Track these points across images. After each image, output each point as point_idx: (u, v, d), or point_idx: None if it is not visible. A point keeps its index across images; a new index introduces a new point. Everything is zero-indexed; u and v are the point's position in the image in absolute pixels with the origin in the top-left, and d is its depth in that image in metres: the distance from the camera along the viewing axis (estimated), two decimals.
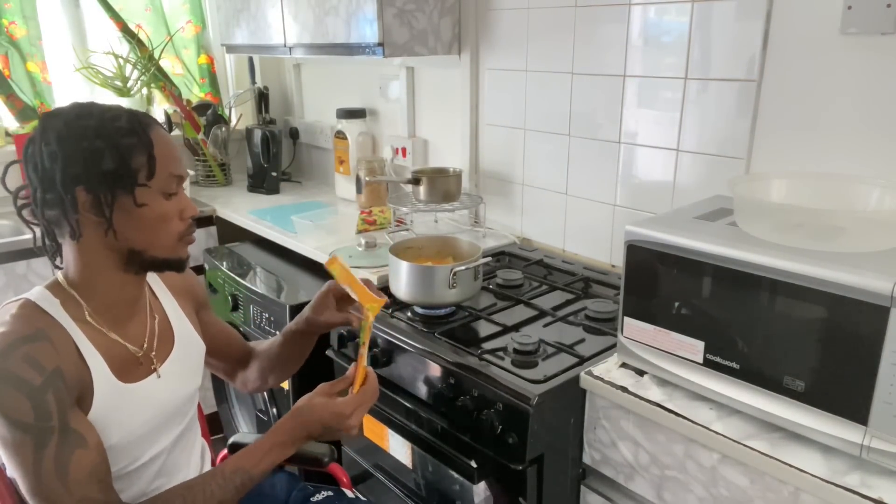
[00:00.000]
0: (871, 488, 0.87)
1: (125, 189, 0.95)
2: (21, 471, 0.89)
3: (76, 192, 0.94)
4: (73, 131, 0.93)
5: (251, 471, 1.01)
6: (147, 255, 1.01)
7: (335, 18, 1.91)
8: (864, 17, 1.16)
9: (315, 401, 1.05)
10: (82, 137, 0.93)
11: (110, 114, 0.96)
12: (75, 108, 0.96)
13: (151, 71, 2.58)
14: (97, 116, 0.95)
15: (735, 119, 1.38)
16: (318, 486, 1.33)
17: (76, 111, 0.96)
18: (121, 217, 0.96)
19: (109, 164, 0.94)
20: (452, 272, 1.38)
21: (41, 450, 0.89)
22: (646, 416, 1.09)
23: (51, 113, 0.96)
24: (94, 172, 0.93)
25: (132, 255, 1.00)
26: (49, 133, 0.93)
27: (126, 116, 0.97)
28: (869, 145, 1.21)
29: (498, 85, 1.91)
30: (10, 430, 0.88)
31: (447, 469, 1.33)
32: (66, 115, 0.95)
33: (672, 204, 1.53)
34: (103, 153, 0.94)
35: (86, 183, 0.94)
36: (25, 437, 0.88)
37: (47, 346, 0.92)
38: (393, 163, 2.26)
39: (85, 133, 0.93)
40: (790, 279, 0.92)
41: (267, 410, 1.95)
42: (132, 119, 0.97)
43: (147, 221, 0.99)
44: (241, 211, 2.31)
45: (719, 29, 1.37)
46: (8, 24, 2.34)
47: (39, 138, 0.94)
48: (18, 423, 0.88)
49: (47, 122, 0.95)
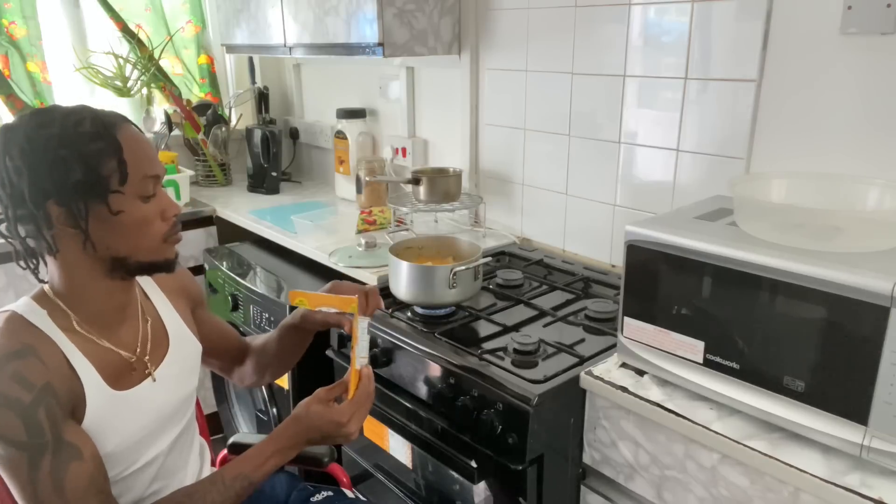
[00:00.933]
0: (871, 488, 0.87)
1: (98, 198, 0.91)
2: (18, 488, 0.88)
3: (47, 207, 0.90)
4: (36, 143, 0.88)
5: (251, 476, 1.00)
6: (132, 261, 0.97)
7: (335, 18, 1.91)
8: (864, 17, 1.16)
9: (312, 409, 1.04)
10: (45, 149, 0.88)
11: (72, 118, 0.91)
12: (35, 117, 0.91)
13: (151, 71, 2.58)
14: (59, 123, 0.90)
15: (735, 119, 1.38)
16: (318, 486, 1.34)
17: (36, 120, 0.91)
18: (98, 226, 0.92)
19: (78, 175, 0.89)
20: (452, 272, 1.38)
21: (36, 466, 0.88)
22: (646, 416, 1.09)
23: (10, 125, 0.91)
24: (63, 185, 0.89)
25: (116, 262, 0.97)
26: (11, 147, 0.89)
27: (90, 119, 0.91)
28: (869, 145, 1.21)
29: (498, 85, 1.91)
30: (4, 448, 0.87)
31: (447, 469, 1.33)
32: (26, 127, 0.90)
33: (672, 204, 1.53)
34: (70, 163, 0.89)
35: (56, 196, 0.89)
36: (20, 455, 0.87)
37: (35, 362, 0.90)
38: (393, 163, 2.26)
39: (48, 144, 0.88)
40: (790, 279, 0.92)
41: (267, 410, 1.95)
42: (96, 122, 0.92)
43: (126, 228, 0.94)
44: (241, 211, 2.31)
45: (719, 29, 1.37)
46: (8, 24, 2.34)
47: (2, 153, 0.89)
48: (11, 441, 0.87)
49: (7, 135, 0.90)
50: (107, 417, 0.97)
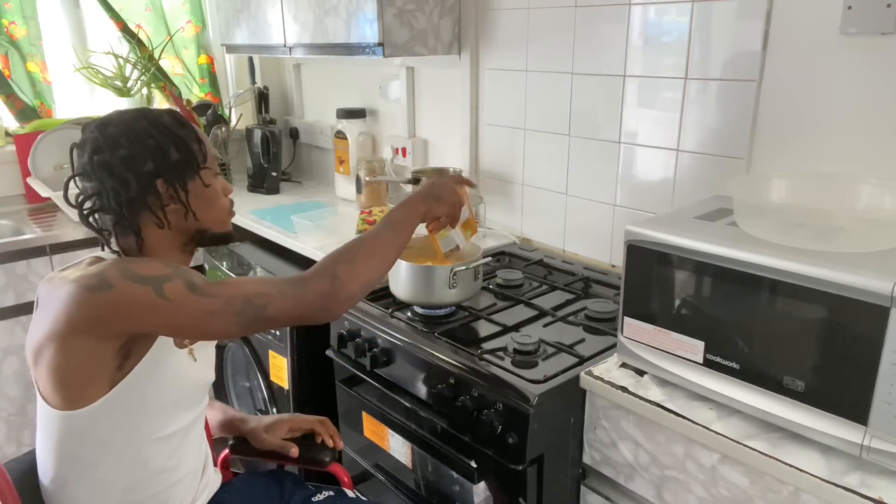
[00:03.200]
0: (871, 488, 0.87)
1: (194, 173, 1.07)
2: (162, 313, 0.96)
3: (157, 185, 1.04)
4: (137, 133, 1.03)
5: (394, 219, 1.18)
6: (209, 233, 1.12)
7: (335, 18, 1.91)
8: (864, 17, 1.16)
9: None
10: (147, 136, 1.03)
11: (154, 113, 1.07)
12: (124, 115, 1.05)
13: (151, 71, 2.58)
14: (146, 117, 1.05)
15: (735, 119, 1.38)
16: (320, 486, 1.34)
17: (128, 116, 1.04)
18: (193, 200, 1.07)
19: (176, 155, 1.05)
20: (452, 272, 1.38)
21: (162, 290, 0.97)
22: (646, 416, 1.09)
23: (102, 122, 1.04)
24: (166, 165, 1.04)
25: (197, 234, 1.11)
26: (116, 139, 1.01)
27: (166, 113, 1.07)
28: (869, 145, 1.21)
29: (498, 85, 1.91)
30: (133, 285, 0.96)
31: (447, 469, 1.33)
32: (123, 121, 1.03)
33: (672, 204, 1.53)
34: (168, 147, 1.04)
35: (163, 175, 1.04)
36: (146, 288, 0.95)
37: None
38: (393, 163, 2.26)
39: (148, 132, 1.03)
40: (790, 279, 0.92)
41: (267, 410, 1.95)
42: (172, 114, 1.08)
43: (211, 200, 1.11)
44: (241, 211, 2.30)
45: (719, 29, 1.37)
46: (8, 24, 2.34)
47: (105, 146, 1.01)
48: (141, 278, 0.96)
49: (105, 130, 1.02)
50: (158, 364, 1.04)
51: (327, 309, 1.05)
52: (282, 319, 1.03)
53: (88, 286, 0.94)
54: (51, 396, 1.00)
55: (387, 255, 1.14)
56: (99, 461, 1.04)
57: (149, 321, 0.96)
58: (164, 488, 1.10)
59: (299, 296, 1.03)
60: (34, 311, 1.05)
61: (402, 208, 1.20)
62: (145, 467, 1.07)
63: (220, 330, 1.00)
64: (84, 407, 0.99)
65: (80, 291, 0.94)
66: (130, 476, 1.07)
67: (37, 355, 0.99)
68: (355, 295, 1.07)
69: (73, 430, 1.02)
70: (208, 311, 0.98)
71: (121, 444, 1.04)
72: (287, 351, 1.77)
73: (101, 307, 0.94)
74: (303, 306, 1.03)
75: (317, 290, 1.04)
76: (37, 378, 1.02)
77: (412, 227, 1.20)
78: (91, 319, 0.94)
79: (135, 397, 1.02)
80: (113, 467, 1.05)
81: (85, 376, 0.98)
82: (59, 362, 0.96)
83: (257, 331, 1.07)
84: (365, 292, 1.10)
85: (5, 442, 2.15)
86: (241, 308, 0.99)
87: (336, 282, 1.05)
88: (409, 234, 1.19)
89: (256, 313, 1.00)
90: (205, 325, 0.99)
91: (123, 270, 0.96)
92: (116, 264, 0.98)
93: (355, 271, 1.07)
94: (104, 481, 1.05)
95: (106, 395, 1.00)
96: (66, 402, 0.99)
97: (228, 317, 0.99)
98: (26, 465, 1.11)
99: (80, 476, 1.05)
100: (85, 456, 1.04)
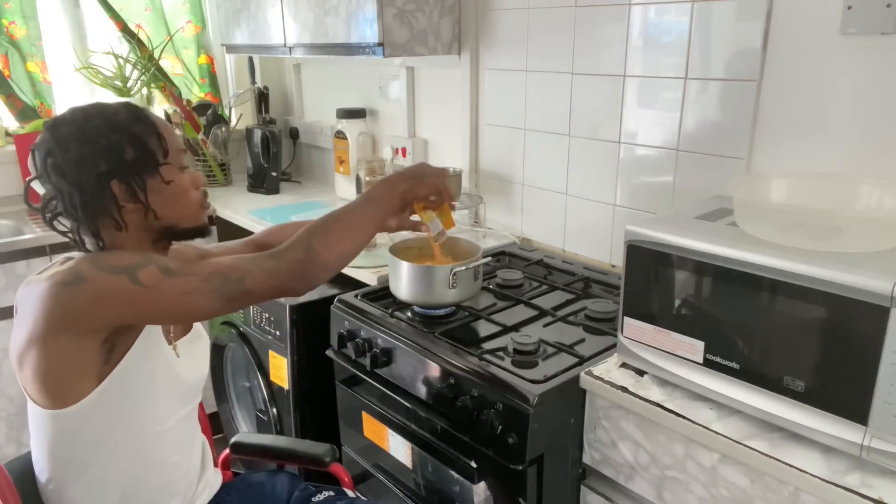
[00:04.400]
0: (871, 488, 0.87)
1: (152, 170, 1.03)
2: (139, 300, 0.95)
3: (112, 187, 1.01)
4: (89, 134, 0.99)
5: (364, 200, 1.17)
6: (179, 229, 1.09)
7: (335, 18, 1.91)
8: (864, 17, 1.16)
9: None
10: (99, 136, 0.99)
11: (109, 109, 1.02)
12: (77, 113, 1.01)
13: (151, 71, 2.58)
14: (99, 115, 1.01)
15: (735, 119, 1.38)
16: (320, 486, 1.34)
17: (80, 115, 1.01)
18: (154, 198, 1.04)
19: (132, 153, 1.01)
20: (452, 272, 1.38)
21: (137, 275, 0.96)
22: (646, 416, 1.09)
23: (54, 123, 1.00)
24: (121, 164, 1.00)
25: (165, 231, 1.08)
26: (66, 142, 0.98)
27: (123, 108, 1.04)
28: (869, 145, 1.21)
29: (498, 85, 1.91)
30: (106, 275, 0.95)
31: (447, 469, 1.33)
32: (75, 121, 1.00)
33: (672, 204, 1.53)
34: (123, 145, 1.00)
35: (117, 176, 1.00)
36: (120, 277, 0.95)
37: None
38: (393, 163, 2.26)
39: (100, 132, 1.00)
40: (790, 279, 0.92)
41: (267, 410, 1.94)
42: (129, 108, 1.04)
43: (176, 196, 1.07)
44: (241, 211, 2.31)
45: (719, 29, 1.37)
46: (8, 24, 2.34)
47: (56, 149, 0.98)
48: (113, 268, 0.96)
49: (57, 131, 0.99)
50: (145, 355, 1.04)
51: (304, 277, 1.05)
52: (260, 291, 1.03)
53: (62, 282, 0.94)
54: (40, 398, 1.00)
55: (362, 228, 1.14)
56: (93, 459, 1.04)
57: (128, 310, 0.96)
58: (162, 485, 1.11)
59: (275, 267, 1.03)
60: (14, 316, 1.03)
61: (381, 184, 1.19)
62: (140, 464, 1.07)
63: (201, 308, 1.00)
64: (74, 404, 0.99)
65: (55, 288, 0.93)
66: (126, 473, 1.07)
67: (21, 359, 0.98)
68: (330, 265, 1.07)
69: (65, 428, 1.01)
70: (185, 292, 0.97)
71: (114, 440, 1.04)
72: (287, 351, 1.77)
73: (78, 301, 0.93)
74: (280, 276, 1.03)
75: (292, 260, 1.04)
76: (23, 382, 1.01)
77: (389, 203, 1.18)
78: (69, 315, 0.94)
79: (125, 391, 1.02)
80: (108, 465, 1.05)
81: (71, 374, 0.98)
82: (44, 363, 0.96)
83: (238, 307, 1.05)
84: (341, 264, 1.10)
85: (5, 442, 2.15)
86: (219, 284, 0.99)
87: (311, 251, 1.05)
88: (386, 211, 1.17)
89: (235, 287, 1.00)
90: (185, 305, 0.99)
91: (96, 263, 0.97)
92: (88, 258, 0.99)
93: (330, 242, 1.07)
94: (101, 480, 1.05)
95: (95, 389, 1.00)
96: (56, 401, 0.99)
97: (207, 294, 0.99)
98: (27, 465, 1.11)
99: (77, 476, 1.05)
100: (79, 455, 1.04)
